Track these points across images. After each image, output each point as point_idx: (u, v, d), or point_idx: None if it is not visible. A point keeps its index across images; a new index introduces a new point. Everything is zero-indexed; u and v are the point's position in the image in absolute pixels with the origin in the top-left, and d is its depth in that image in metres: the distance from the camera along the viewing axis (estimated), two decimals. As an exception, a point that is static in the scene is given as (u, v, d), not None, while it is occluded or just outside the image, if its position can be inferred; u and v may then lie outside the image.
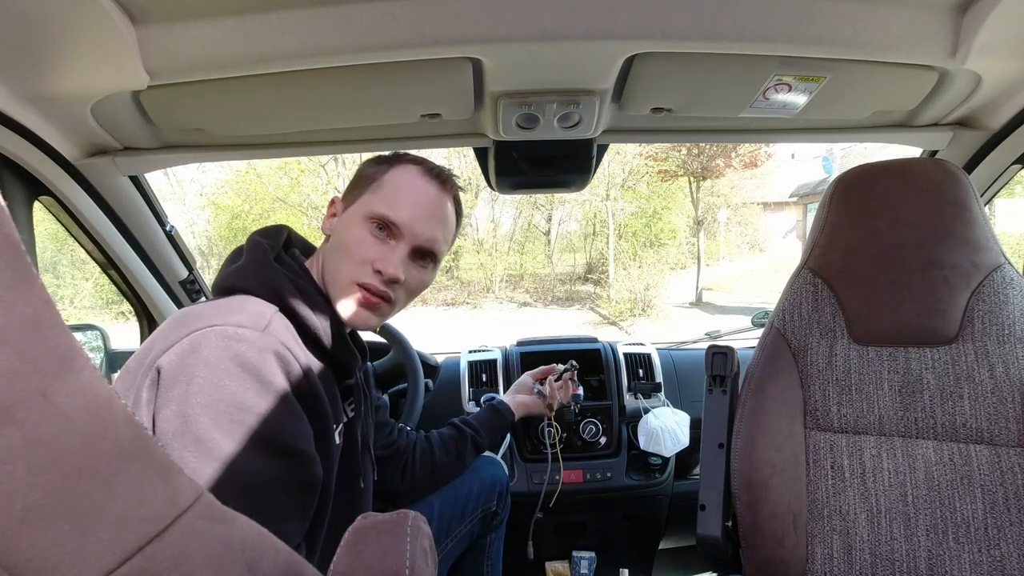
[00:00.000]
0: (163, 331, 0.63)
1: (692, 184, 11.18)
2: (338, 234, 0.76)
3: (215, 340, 0.58)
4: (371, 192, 0.76)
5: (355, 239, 0.73)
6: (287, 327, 0.67)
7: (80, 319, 8.87)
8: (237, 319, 0.61)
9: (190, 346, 0.58)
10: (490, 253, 12.30)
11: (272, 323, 0.64)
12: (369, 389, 0.93)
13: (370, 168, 0.79)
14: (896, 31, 0.82)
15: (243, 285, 0.68)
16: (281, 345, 0.62)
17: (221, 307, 0.64)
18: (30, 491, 0.21)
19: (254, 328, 0.61)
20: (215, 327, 0.59)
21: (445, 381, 1.48)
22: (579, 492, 1.35)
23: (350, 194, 0.79)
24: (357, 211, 0.75)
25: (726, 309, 9.55)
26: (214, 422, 0.55)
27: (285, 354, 0.62)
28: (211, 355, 0.57)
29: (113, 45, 0.74)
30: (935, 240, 0.87)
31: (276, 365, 0.61)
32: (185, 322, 0.61)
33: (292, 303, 0.68)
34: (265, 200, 10.67)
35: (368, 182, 0.77)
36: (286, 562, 0.32)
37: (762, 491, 0.87)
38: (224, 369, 0.57)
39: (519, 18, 0.76)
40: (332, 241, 0.77)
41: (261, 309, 0.65)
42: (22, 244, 0.22)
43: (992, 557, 0.78)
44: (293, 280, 0.70)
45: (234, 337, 0.59)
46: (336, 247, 0.75)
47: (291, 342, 0.65)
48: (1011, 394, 0.81)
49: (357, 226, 0.74)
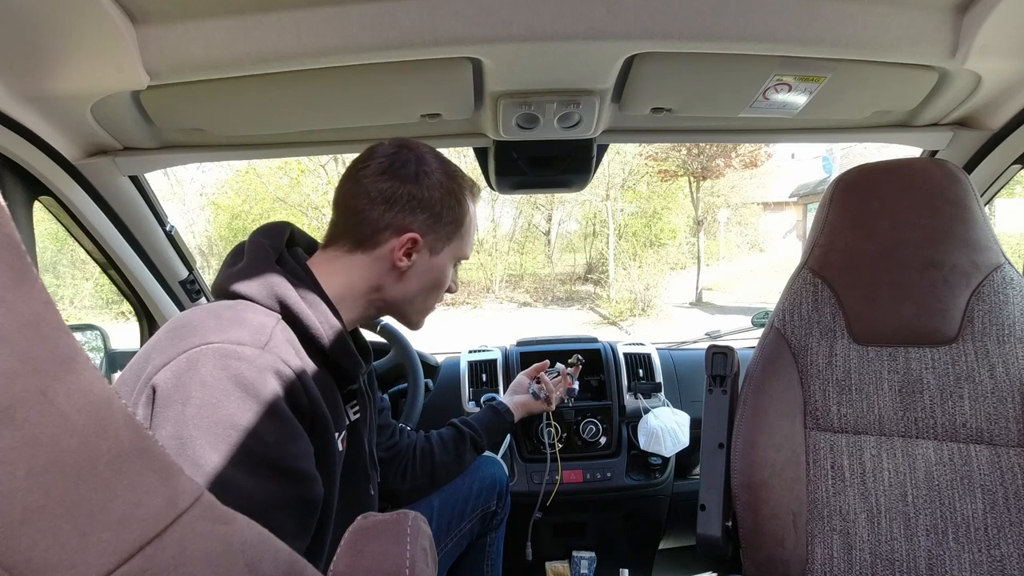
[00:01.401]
0: (160, 342, 0.61)
1: (692, 184, 11.18)
2: (429, 275, 0.79)
3: (212, 359, 0.57)
4: (460, 238, 0.81)
5: (447, 277, 0.82)
6: (288, 338, 0.65)
7: (80, 319, 8.87)
8: (236, 335, 0.60)
9: (187, 364, 0.57)
10: (490, 253, 12.31)
11: (272, 338, 0.62)
12: (373, 391, 0.92)
13: (451, 208, 0.78)
14: (896, 31, 0.82)
15: (244, 291, 0.67)
16: (281, 362, 0.61)
17: (221, 318, 0.62)
18: (30, 491, 0.21)
19: (253, 345, 0.60)
20: (212, 344, 0.58)
21: (445, 381, 1.48)
22: (579, 492, 1.35)
23: (434, 232, 0.77)
24: (450, 255, 0.81)
25: (726, 309, 9.55)
26: (211, 444, 0.54)
27: (285, 371, 0.61)
28: (208, 375, 0.56)
29: (113, 45, 0.74)
30: (935, 240, 0.87)
31: (276, 384, 0.60)
32: (182, 335, 0.60)
33: (294, 310, 0.66)
34: (265, 200, 10.67)
35: (457, 224, 0.80)
36: (286, 562, 0.32)
37: (762, 491, 0.87)
38: (222, 389, 0.56)
39: (519, 18, 0.76)
40: (417, 278, 0.79)
41: (262, 321, 0.64)
42: (22, 244, 0.22)
43: (992, 557, 0.78)
44: (295, 285, 0.69)
45: (232, 355, 0.58)
46: (430, 285, 0.80)
47: (291, 355, 0.63)
48: (1011, 394, 0.81)
49: (449, 267, 0.82)
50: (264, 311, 0.65)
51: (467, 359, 1.48)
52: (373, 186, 0.74)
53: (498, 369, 1.45)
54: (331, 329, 0.69)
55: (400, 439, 1.04)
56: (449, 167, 0.79)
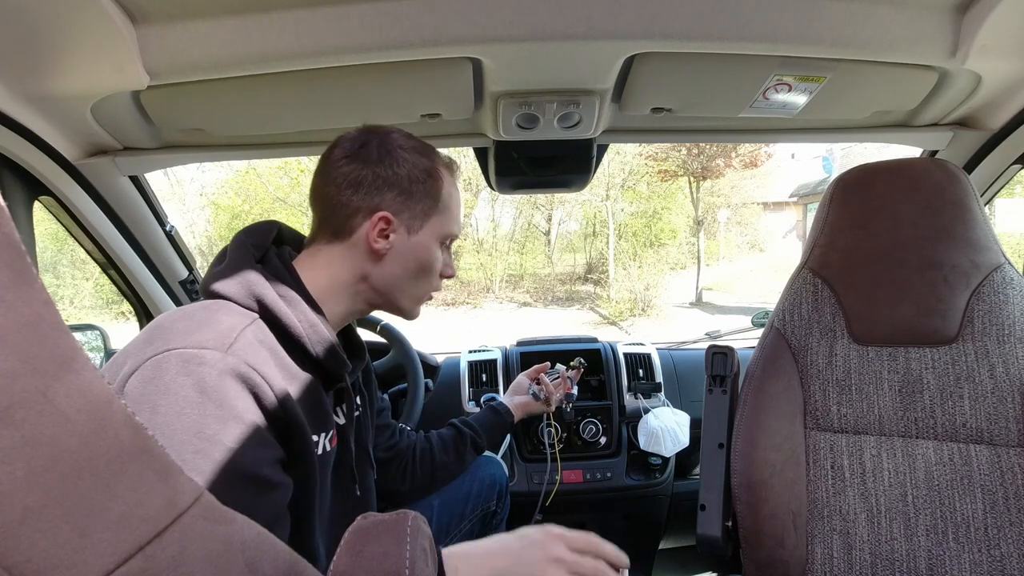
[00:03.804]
0: (134, 345, 0.61)
1: (692, 184, 11.18)
2: (412, 255, 0.76)
3: (175, 365, 0.56)
4: (439, 214, 0.77)
5: (436, 259, 0.79)
6: (262, 338, 0.64)
7: (80, 319, 8.87)
8: (200, 338, 0.59)
9: (152, 372, 0.56)
10: (490, 253, 12.30)
11: (239, 340, 0.61)
12: (371, 390, 0.92)
13: (422, 182, 0.75)
14: (896, 31, 0.82)
15: (223, 290, 0.66)
16: (245, 365, 0.59)
17: (191, 319, 0.61)
18: (30, 491, 0.21)
19: (216, 348, 0.59)
20: (176, 350, 0.57)
21: (445, 381, 1.48)
22: (579, 492, 1.35)
23: (408, 210, 0.75)
24: (431, 234, 0.77)
25: (726, 309, 9.55)
26: (177, 455, 0.53)
27: (249, 374, 0.59)
28: (171, 382, 0.56)
29: (113, 45, 0.74)
30: (935, 240, 0.87)
31: (239, 388, 0.58)
32: (152, 338, 0.59)
33: (272, 308, 0.65)
34: (265, 200, 10.67)
35: (431, 200, 0.76)
36: (286, 562, 0.32)
37: (762, 491, 0.87)
38: (184, 397, 0.56)
39: (519, 18, 0.76)
40: (399, 261, 0.75)
41: (232, 323, 0.62)
42: (22, 244, 0.22)
43: (992, 557, 0.78)
44: (274, 283, 0.67)
45: (193, 360, 0.57)
46: (414, 268, 0.77)
47: (259, 357, 0.62)
48: (1011, 394, 0.81)
49: (433, 247, 0.78)
50: (240, 311, 0.64)
51: (467, 359, 1.48)
52: (339, 172, 0.73)
53: (498, 369, 1.45)
54: (311, 327, 0.68)
55: (400, 439, 1.04)
56: (419, 144, 0.77)
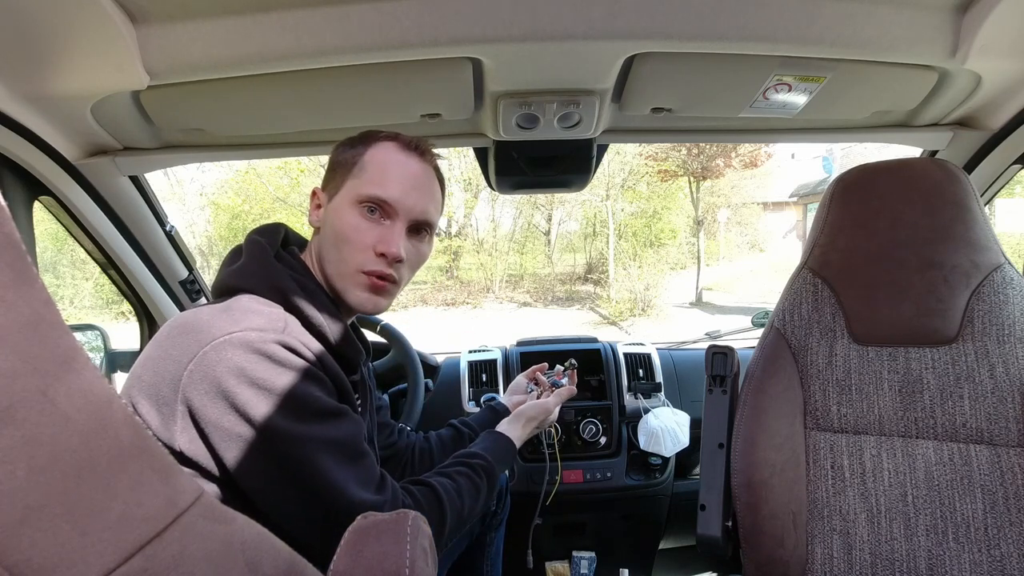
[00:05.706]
0: (171, 343, 0.61)
1: (692, 184, 11.17)
2: (330, 224, 0.74)
3: (238, 347, 0.59)
4: (354, 176, 0.74)
5: (351, 227, 0.72)
6: (300, 327, 0.68)
7: (80, 319, 8.87)
8: (254, 323, 0.62)
9: (214, 357, 0.58)
10: (490, 253, 12.30)
11: (289, 325, 0.65)
12: (372, 387, 0.93)
13: (345, 152, 0.76)
14: (896, 31, 0.82)
15: (246, 285, 0.68)
16: (302, 345, 0.64)
17: (232, 311, 0.63)
18: (30, 491, 0.21)
19: (273, 331, 0.62)
20: (234, 334, 0.59)
21: (445, 381, 1.48)
22: (579, 492, 1.35)
23: (331, 182, 0.77)
24: (345, 197, 0.73)
25: (726, 309, 9.54)
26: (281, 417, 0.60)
27: (307, 352, 0.65)
28: (239, 360, 0.59)
29: (113, 45, 0.74)
30: (935, 240, 0.87)
31: (303, 359, 0.64)
32: (194, 332, 0.60)
33: (297, 302, 0.68)
34: (265, 200, 10.67)
35: (348, 166, 0.75)
36: (286, 562, 0.32)
37: (762, 491, 0.87)
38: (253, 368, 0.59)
39: (519, 18, 0.76)
40: (325, 232, 0.75)
41: (273, 312, 0.66)
42: (22, 244, 0.22)
43: (992, 557, 0.78)
44: (296, 278, 0.70)
45: (257, 341, 0.60)
46: (332, 238, 0.73)
47: (308, 340, 0.67)
48: (1011, 394, 0.81)
49: (349, 213, 0.72)
50: (269, 303, 0.67)
51: (467, 359, 1.48)
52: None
53: (498, 369, 1.45)
54: (331, 318, 0.71)
55: (399, 439, 1.04)
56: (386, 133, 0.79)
